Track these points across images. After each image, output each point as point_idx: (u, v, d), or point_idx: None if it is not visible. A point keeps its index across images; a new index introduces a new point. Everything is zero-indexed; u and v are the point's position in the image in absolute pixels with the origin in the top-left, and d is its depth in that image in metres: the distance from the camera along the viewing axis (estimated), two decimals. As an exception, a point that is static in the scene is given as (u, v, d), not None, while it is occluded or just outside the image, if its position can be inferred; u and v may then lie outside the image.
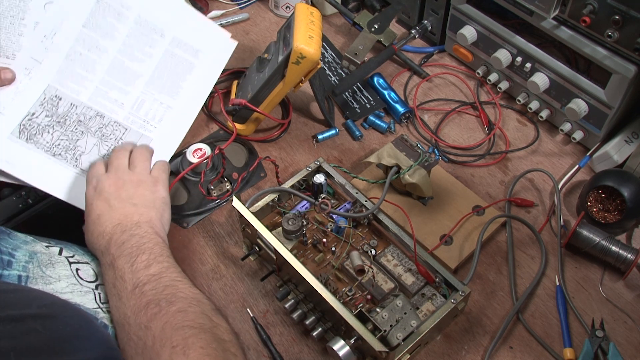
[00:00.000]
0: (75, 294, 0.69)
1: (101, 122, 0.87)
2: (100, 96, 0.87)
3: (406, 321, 0.69)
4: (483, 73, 1.04)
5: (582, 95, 0.91)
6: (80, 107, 0.86)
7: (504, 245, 0.85)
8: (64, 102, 0.86)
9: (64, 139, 0.85)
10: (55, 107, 0.86)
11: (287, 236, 0.78)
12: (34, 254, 0.70)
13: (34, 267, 0.69)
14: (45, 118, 0.85)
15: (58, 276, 0.70)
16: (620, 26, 0.80)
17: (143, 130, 0.88)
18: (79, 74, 0.87)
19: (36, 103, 0.85)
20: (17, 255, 0.69)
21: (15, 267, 0.68)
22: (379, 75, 1.05)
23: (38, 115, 0.85)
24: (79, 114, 0.86)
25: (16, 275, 0.67)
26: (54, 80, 0.86)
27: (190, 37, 0.91)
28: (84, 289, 0.71)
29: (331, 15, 1.20)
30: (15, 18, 0.85)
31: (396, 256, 0.77)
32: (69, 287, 0.69)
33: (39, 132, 0.84)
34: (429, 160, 0.85)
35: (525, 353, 0.75)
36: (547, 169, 0.93)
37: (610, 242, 0.80)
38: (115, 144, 0.86)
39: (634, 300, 0.79)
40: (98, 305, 0.70)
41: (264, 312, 0.78)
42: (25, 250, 0.70)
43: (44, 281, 0.69)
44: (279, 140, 0.98)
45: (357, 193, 0.81)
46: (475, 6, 0.99)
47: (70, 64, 0.87)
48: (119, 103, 0.88)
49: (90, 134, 0.86)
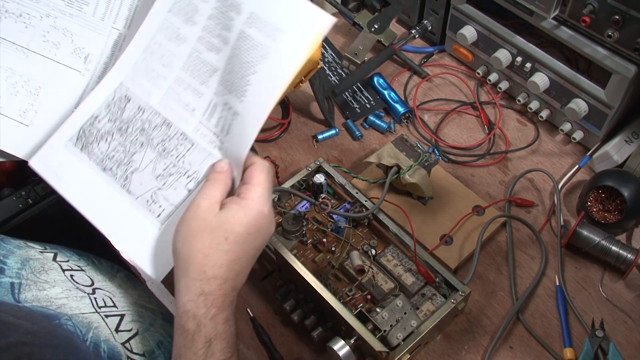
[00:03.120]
0: (70, 299, 0.67)
1: (166, 132, 0.71)
2: (172, 99, 0.72)
3: (406, 321, 0.69)
4: (483, 73, 1.04)
5: (582, 95, 0.91)
6: (147, 112, 0.72)
7: (504, 245, 0.85)
8: (132, 105, 0.73)
9: (120, 150, 0.71)
10: (121, 111, 0.73)
11: (287, 236, 0.78)
12: (27, 260, 0.68)
13: (27, 274, 0.66)
14: (108, 123, 0.73)
15: (53, 281, 0.68)
16: (620, 26, 0.80)
17: (211, 147, 0.68)
18: (154, 70, 0.73)
19: (103, 104, 0.73)
20: (9, 263, 0.67)
21: (8, 274, 0.65)
22: (379, 75, 1.05)
23: (101, 120, 0.73)
24: (145, 120, 0.72)
25: (9, 282, 0.65)
26: (128, 77, 0.74)
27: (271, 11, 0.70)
28: (80, 294, 0.69)
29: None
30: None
31: (396, 256, 0.77)
32: (64, 293, 0.67)
33: (96, 140, 0.72)
34: (429, 160, 0.85)
35: (525, 353, 0.75)
36: (547, 169, 0.93)
37: (610, 242, 0.80)
38: (175, 162, 0.70)
39: (634, 300, 0.79)
40: (96, 310, 0.68)
41: (264, 312, 0.78)
42: (18, 256, 0.68)
43: (38, 287, 0.66)
44: (279, 140, 0.98)
45: (357, 193, 0.81)
46: (475, 6, 0.99)
47: (148, 57, 0.74)
48: (190, 109, 0.71)
49: (151, 147, 0.71)
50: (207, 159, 0.68)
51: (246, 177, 0.64)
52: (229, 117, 0.68)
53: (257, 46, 0.68)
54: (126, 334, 0.68)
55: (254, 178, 0.63)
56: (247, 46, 0.68)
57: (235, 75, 0.69)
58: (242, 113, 0.68)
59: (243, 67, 0.68)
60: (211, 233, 0.60)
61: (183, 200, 0.68)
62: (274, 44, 0.67)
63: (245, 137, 0.66)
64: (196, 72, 0.71)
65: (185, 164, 0.69)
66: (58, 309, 0.65)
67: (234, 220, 0.60)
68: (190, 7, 0.73)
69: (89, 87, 0.81)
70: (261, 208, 0.61)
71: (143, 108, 0.72)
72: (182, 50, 0.73)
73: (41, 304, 0.65)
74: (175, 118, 0.71)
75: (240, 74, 0.68)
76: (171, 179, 0.69)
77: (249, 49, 0.68)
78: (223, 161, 0.66)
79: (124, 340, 0.68)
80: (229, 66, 0.69)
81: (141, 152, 0.70)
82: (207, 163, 0.68)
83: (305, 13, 0.68)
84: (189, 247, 0.60)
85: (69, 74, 0.82)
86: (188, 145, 0.69)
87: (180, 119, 0.71)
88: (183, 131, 0.70)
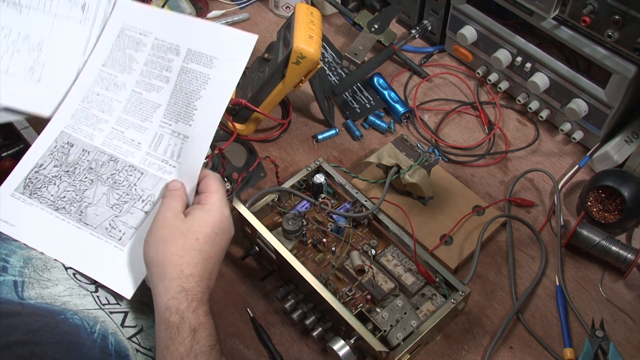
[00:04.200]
0: (74, 296, 0.68)
1: (114, 167, 0.76)
2: (116, 138, 0.78)
3: (406, 321, 0.69)
4: (483, 73, 1.04)
5: (582, 95, 0.91)
6: (92, 152, 0.77)
7: (504, 245, 0.85)
8: (76, 149, 0.77)
9: (70, 190, 0.75)
10: (65, 156, 0.77)
11: (287, 236, 0.78)
12: (29, 259, 0.69)
13: (29, 272, 0.68)
14: (54, 169, 0.76)
15: (56, 279, 0.69)
16: (620, 26, 0.80)
17: (161, 173, 0.75)
18: (95, 116, 0.79)
19: (46, 153, 0.77)
20: (12, 261, 0.68)
21: (11, 272, 0.67)
22: (379, 75, 1.05)
23: (46, 167, 0.76)
24: (91, 160, 0.77)
25: (12, 280, 0.66)
26: (68, 125, 0.79)
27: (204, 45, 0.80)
28: (83, 291, 0.70)
29: (331, 15, 1.20)
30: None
31: (396, 256, 0.77)
32: (67, 291, 0.69)
33: (44, 184, 0.75)
34: (429, 160, 0.85)
35: (525, 353, 0.75)
36: (547, 169, 0.93)
37: (610, 242, 0.80)
38: (127, 191, 0.75)
39: (634, 300, 0.79)
40: (99, 307, 0.69)
41: (264, 312, 0.78)
42: (20, 255, 0.69)
43: (41, 285, 0.67)
44: (279, 140, 0.98)
45: (357, 193, 0.81)
46: (475, 6, 0.99)
47: (87, 105, 0.80)
48: (135, 143, 0.77)
49: (101, 182, 0.75)
50: (159, 183, 0.75)
51: (202, 188, 0.70)
52: (178, 143, 0.75)
53: (198, 76, 0.77)
54: (132, 330, 0.69)
55: (210, 187, 0.70)
56: (189, 78, 0.77)
57: (181, 105, 0.76)
58: (192, 135, 0.75)
59: (188, 96, 0.77)
60: (182, 236, 0.65)
61: (142, 222, 0.73)
62: (212, 70, 0.77)
63: (198, 155, 0.73)
64: (138, 112, 0.78)
65: (138, 190, 0.75)
66: (63, 306, 0.67)
67: (201, 222, 0.66)
68: (126, 57, 0.81)
69: (93, 35, 0.83)
70: (223, 211, 0.68)
71: (87, 150, 0.77)
72: (121, 95, 0.79)
73: (45, 301, 0.66)
74: (121, 153, 0.77)
75: (185, 103, 0.76)
76: (127, 206, 0.74)
77: (191, 80, 0.77)
78: (175, 181, 0.73)
79: (130, 335, 0.69)
80: (173, 99, 0.77)
81: (92, 188, 0.75)
82: (160, 186, 0.74)
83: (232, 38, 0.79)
84: (164, 253, 0.64)
85: (68, 24, 0.83)
86: (138, 175, 0.75)
87: (127, 154, 0.77)
88: (131, 163, 0.76)
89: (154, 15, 0.84)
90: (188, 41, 0.80)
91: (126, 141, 0.78)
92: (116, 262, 0.71)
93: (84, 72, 0.82)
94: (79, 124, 0.79)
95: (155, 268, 0.65)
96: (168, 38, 0.81)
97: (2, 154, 1.09)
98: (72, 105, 0.80)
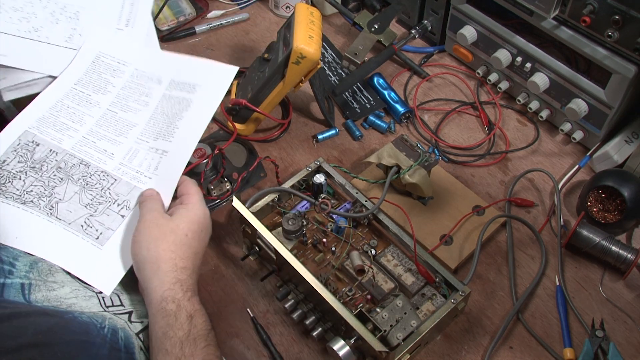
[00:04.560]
0: (80, 298, 0.69)
1: (85, 170, 0.78)
2: (87, 146, 0.80)
3: (406, 321, 0.69)
4: (483, 73, 1.04)
5: (582, 95, 0.91)
6: (61, 154, 0.78)
7: (504, 245, 0.85)
8: (42, 148, 0.79)
9: (38, 185, 0.75)
10: (30, 153, 0.78)
11: (287, 236, 0.78)
12: (35, 263, 0.71)
13: (35, 275, 0.69)
14: (18, 164, 0.77)
15: (62, 282, 0.70)
16: (620, 26, 0.80)
17: (136, 182, 0.77)
18: (63, 123, 0.81)
19: (8, 150, 0.78)
20: (18, 265, 0.69)
21: (17, 276, 0.68)
22: (379, 75, 1.05)
23: (9, 163, 0.77)
24: (59, 160, 0.78)
25: (19, 283, 0.67)
26: (33, 127, 0.81)
27: (187, 75, 0.84)
28: (89, 293, 0.71)
29: (331, 15, 1.20)
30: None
31: (396, 256, 0.77)
32: (73, 293, 0.70)
33: (8, 180, 0.75)
34: (429, 160, 0.85)
35: (525, 353, 0.75)
36: (547, 169, 0.93)
37: (610, 242, 0.80)
38: (101, 194, 0.76)
39: (634, 300, 0.79)
40: (104, 309, 0.70)
41: (264, 312, 0.78)
42: (25, 259, 0.70)
43: (47, 288, 0.69)
44: (279, 140, 0.98)
45: (357, 193, 0.81)
46: (475, 6, 0.99)
47: (56, 113, 0.82)
48: (108, 153, 0.79)
49: (72, 182, 0.76)
50: (133, 190, 0.77)
51: (181, 190, 0.75)
52: (156, 157, 0.79)
53: (180, 101, 0.81)
54: (139, 325, 0.70)
55: (189, 189, 0.74)
56: (171, 103, 0.82)
57: (162, 126, 0.80)
58: (172, 149, 0.79)
59: (169, 118, 0.80)
60: (172, 233, 0.69)
61: (119, 224, 0.75)
62: (195, 95, 0.82)
63: (178, 166, 0.77)
64: (112, 127, 0.81)
65: (112, 194, 0.77)
66: (69, 308, 0.68)
67: (187, 219, 0.70)
68: (101, 80, 0.85)
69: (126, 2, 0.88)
70: (204, 210, 0.73)
71: (55, 151, 0.78)
72: (94, 111, 0.82)
73: (51, 304, 0.67)
74: (92, 159, 0.78)
75: (167, 123, 0.80)
76: (101, 207, 0.76)
77: (174, 104, 0.81)
78: (150, 189, 0.76)
79: (138, 330, 0.70)
80: (153, 120, 0.81)
81: (62, 185, 0.76)
82: (135, 194, 0.77)
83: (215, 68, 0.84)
84: (156, 249, 0.67)
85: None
86: (111, 180, 0.78)
87: (99, 161, 0.78)
88: (104, 170, 0.78)
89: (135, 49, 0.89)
90: (171, 73, 0.85)
91: (98, 150, 0.80)
92: (93, 259, 0.73)
93: (53, 85, 0.85)
94: (45, 127, 0.81)
95: (148, 265, 0.67)
96: (149, 69, 0.86)
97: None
98: (38, 110, 0.82)
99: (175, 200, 0.76)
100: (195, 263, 0.69)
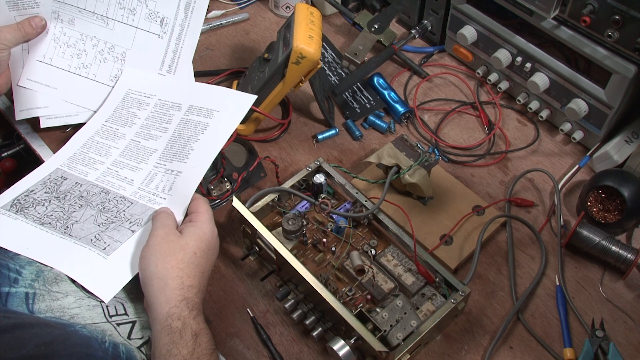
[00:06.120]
0: (83, 308, 0.70)
1: (105, 197, 0.80)
2: (110, 176, 0.83)
3: (406, 321, 0.69)
4: (483, 73, 1.04)
5: (582, 95, 0.91)
6: (85, 185, 0.81)
7: (504, 245, 0.85)
8: (69, 182, 0.82)
9: (58, 211, 0.78)
10: (57, 186, 0.81)
11: (287, 236, 0.78)
12: (41, 271, 0.71)
13: (40, 285, 0.70)
14: (44, 194, 0.80)
15: (65, 292, 0.71)
16: (620, 26, 0.80)
17: (151, 203, 0.79)
18: (91, 158, 0.84)
19: (39, 182, 0.82)
20: (24, 273, 0.70)
21: (22, 285, 0.69)
22: (379, 75, 1.05)
23: (37, 192, 0.81)
24: (82, 190, 0.81)
25: (23, 292, 0.68)
26: (64, 164, 0.84)
27: (206, 101, 0.85)
28: (93, 302, 0.71)
29: (331, 15, 1.20)
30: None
31: (396, 256, 0.77)
32: (77, 302, 0.70)
33: (32, 205, 0.79)
34: (429, 160, 0.85)
35: (525, 353, 0.75)
36: (547, 169, 0.93)
37: (610, 242, 0.80)
38: (115, 215, 0.78)
39: (634, 300, 0.79)
40: (107, 320, 0.70)
41: (264, 312, 0.78)
42: (32, 268, 0.71)
43: (51, 297, 0.69)
44: (279, 140, 0.98)
45: (357, 193, 0.81)
46: (475, 6, 0.99)
47: (86, 150, 0.85)
48: (128, 180, 0.82)
49: (90, 207, 0.79)
50: (148, 211, 0.78)
51: (192, 208, 0.75)
52: (171, 178, 0.79)
53: (197, 124, 0.83)
54: (139, 341, 0.71)
55: (200, 207, 0.74)
56: (188, 126, 0.83)
57: (178, 148, 0.81)
58: (185, 170, 0.79)
59: (185, 140, 0.82)
60: (182, 250, 0.68)
61: (128, 238, 0.75)
62: (212, 119, 0.82)
63: (191, 186, 0.77)
64: (134, 156, 0.84)
65: (127, 215, 0.78)
66: (71, 319, 0.68)
67: (196, 237, 0.70)
68: (128, 115, 0.87)
69: (170, 49, 0.90)
70: (212, 228, 0.72)
71: (80, 183, 0.80)
72: (119, 143, 0.85)
73: (54, 315, 0.68)
74: (113, 187, 0.81)
75: (182, 145, 0.81)
76: (113, 225, 0.77)
77: (190, 127, 0.83)
78: (164, 207, 0.77)
79: (139, 345, 0.70)
80: (170, 144, 0.82)
81: (81, 210, 0.78)
82: (148, 213, 0.78)
83: (233, 96, 0.85)
84: (164, 266, 0.66)
85: (149, 37, 0.90)
86: (128, 204, 0.79)
87: (119, 188, 0.81)
88: (122, 195, 0.80)
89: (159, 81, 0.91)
90: (190, 99, 0.86)
91: (120, 178, 0.82)
92: (98, 268, 0.73)
93: (87, 125, 0.88)
94: (74, 164, 0.84)
95: (156, 281, 0.66)
96: (171, 98, 0.88)
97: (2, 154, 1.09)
98: (71, 150, 0.85)
99: (185, 217, 0.76)
100: (201, 282, 0.69)
